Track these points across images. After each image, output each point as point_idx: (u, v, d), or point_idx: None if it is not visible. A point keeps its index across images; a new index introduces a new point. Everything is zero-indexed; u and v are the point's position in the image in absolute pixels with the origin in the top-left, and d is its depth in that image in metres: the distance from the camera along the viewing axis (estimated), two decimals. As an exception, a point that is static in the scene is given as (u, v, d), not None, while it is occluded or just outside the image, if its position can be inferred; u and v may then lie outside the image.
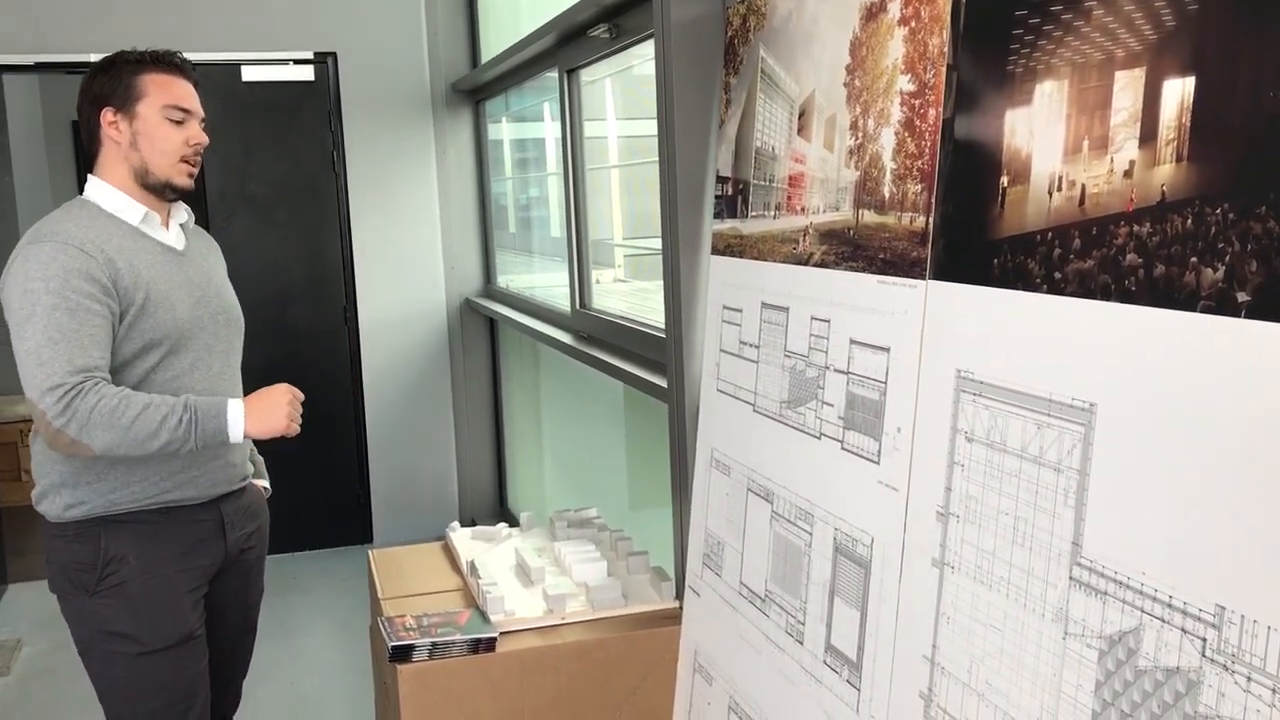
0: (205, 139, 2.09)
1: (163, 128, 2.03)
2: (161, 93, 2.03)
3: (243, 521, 2.16)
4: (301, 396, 2.05)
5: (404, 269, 4.79)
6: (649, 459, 3.15)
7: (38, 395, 1.86)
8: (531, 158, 4.69)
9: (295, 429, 2.02)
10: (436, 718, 2.12)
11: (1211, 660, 1.00)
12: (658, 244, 2.29)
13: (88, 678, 2.07)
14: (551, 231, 4.38)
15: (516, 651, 2.16)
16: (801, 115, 1.83)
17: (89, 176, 2.07)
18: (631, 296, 3.50)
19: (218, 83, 4.37)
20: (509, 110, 4.66)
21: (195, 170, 2.09)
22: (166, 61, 2.08)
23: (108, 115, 2.02)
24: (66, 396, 1.84)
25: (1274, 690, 0.94)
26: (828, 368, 1.71)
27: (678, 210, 2.18)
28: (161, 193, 2.06)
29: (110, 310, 1.91)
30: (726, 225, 2.09)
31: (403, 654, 2.11)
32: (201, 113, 2.11)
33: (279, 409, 1.98)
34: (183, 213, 2.15)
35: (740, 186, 2.04)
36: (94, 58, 2.15)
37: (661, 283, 2.31)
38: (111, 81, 2.03)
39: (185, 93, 2.07)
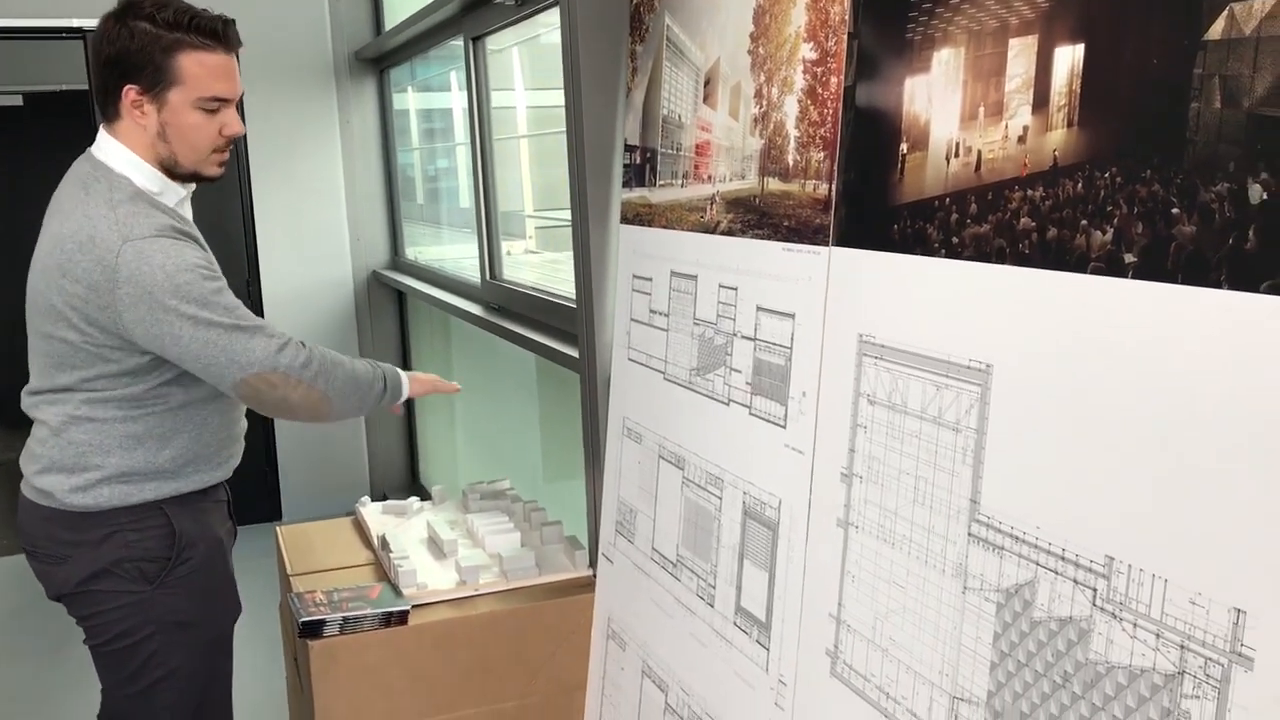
0: (241, 128, 1.89)
1: (195, 118, 1.82)
2: (199, 83, 1.80)
3: None
4: None
5: (308, 241, 4.70)
6: (562, 430, 3.15)
7: (268, 356, 1.79)
8: (439, 128, 4.63)
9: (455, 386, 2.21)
10: (349, 692, 2.11)
11: (1101, 609, 1.04)
12: (569, 215, 2.28)
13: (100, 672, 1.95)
14: (461, 203, 4.34)
15: (429, 624, 2.15)
16: (707, 83, 1.84)
17: (108, 139, 1.85)
18: (543, 268, 3.49)
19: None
20: (415, 79, 4.59)
21: (227, 158, 1.92)
22: (209, 31, 1.80)
23: (131, 94, 1.80)
24: (303, 347, 1.85)
25: (1158, 635, 0.98)
26: (735, 335, 1.72)
27: (586, 179, 2.17)
28: (186, 181, 1.90)
29: None
30: (635, 194, 2.09)
31: (313, 629, 2.08)
32: (240, 92, 1.89)
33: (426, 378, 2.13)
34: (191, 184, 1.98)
35: (648, 155, 2.04)
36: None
37: (570, 253, 2.31)
38: (140, 55, 1.77)
39: (226, 76, 1.84)
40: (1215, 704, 0.92)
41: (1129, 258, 1.02)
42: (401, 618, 2.14)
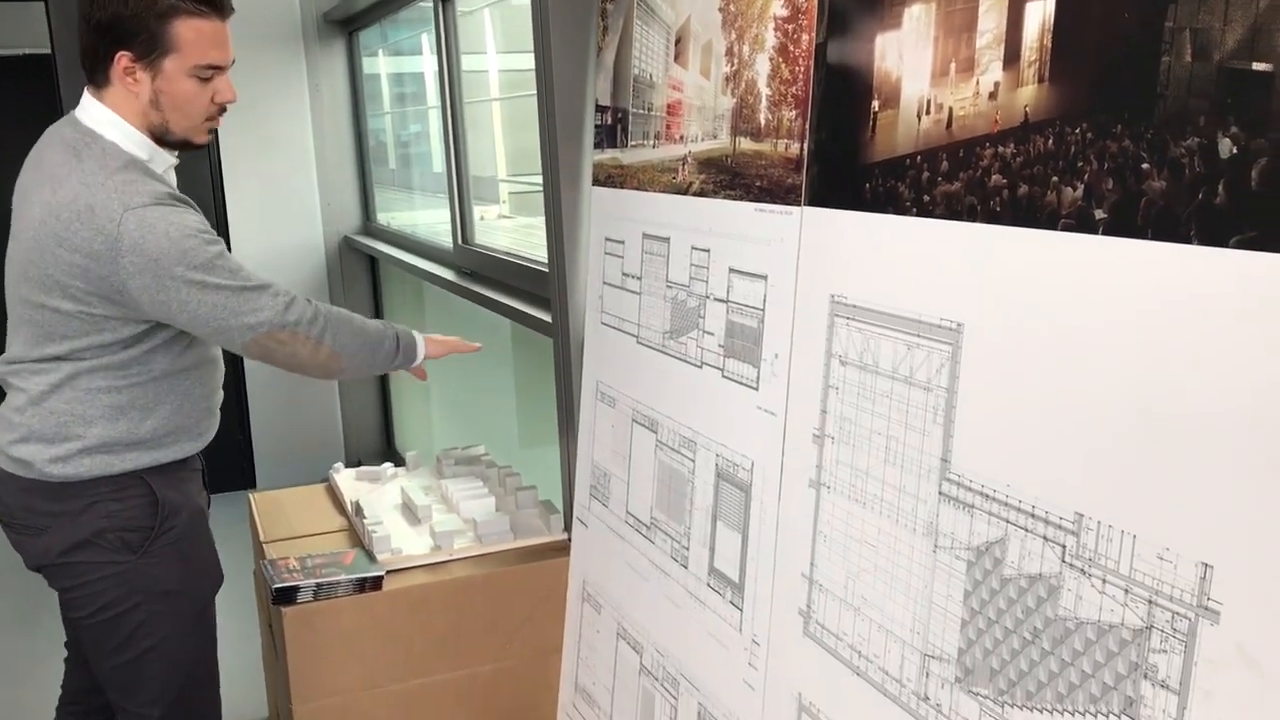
0: (234, 95, 1.89)
1: (189, 86, 1.81)
2: (195, 50, 1.79)
3: None
4: None
5: (278, 207, 4.65)
6: (537, 395, 3.14)
7: (276, 314, 1.81)
8: (411, 92, 4.57)
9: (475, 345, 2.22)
10: (323, 658, 2.10)
11: (1070, 565, 1.04)
12: (540, 181, 2.26)
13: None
14: (434, 167, 4.30)
15: (404, 589, 2.15)
16: (678, 42, 1.81)
17: (96, 104, 1.81)
18: (516, 233, 3.47)
19: (70, 11, 4.14)
20: (386, 42, 4.53)
21: (217, 126, 1.91)
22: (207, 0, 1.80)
23: (123, 60, 1.77)
24: (309, 303, 1.85)
25: (1126, 590, 0.98)
26: (708, 297, 1.72)
27: (557, 141, 2.15)
28: (175, 148, 1.89)
29: None
30: (607, 155, 2.07)
31: (286, 596, 2.08)
32: (233, 59, 1.88)
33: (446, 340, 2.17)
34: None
35: (619, 115, 2.02)
36: None
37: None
38: (133, 22, 1.75)
39: (221, 43, 1.83)
40: (1182, 657, 0.93)
41: (1099, 214, 1.01)
42: (376, 583, 2.13)
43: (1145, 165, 0.96)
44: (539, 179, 2.27)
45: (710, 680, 1.73)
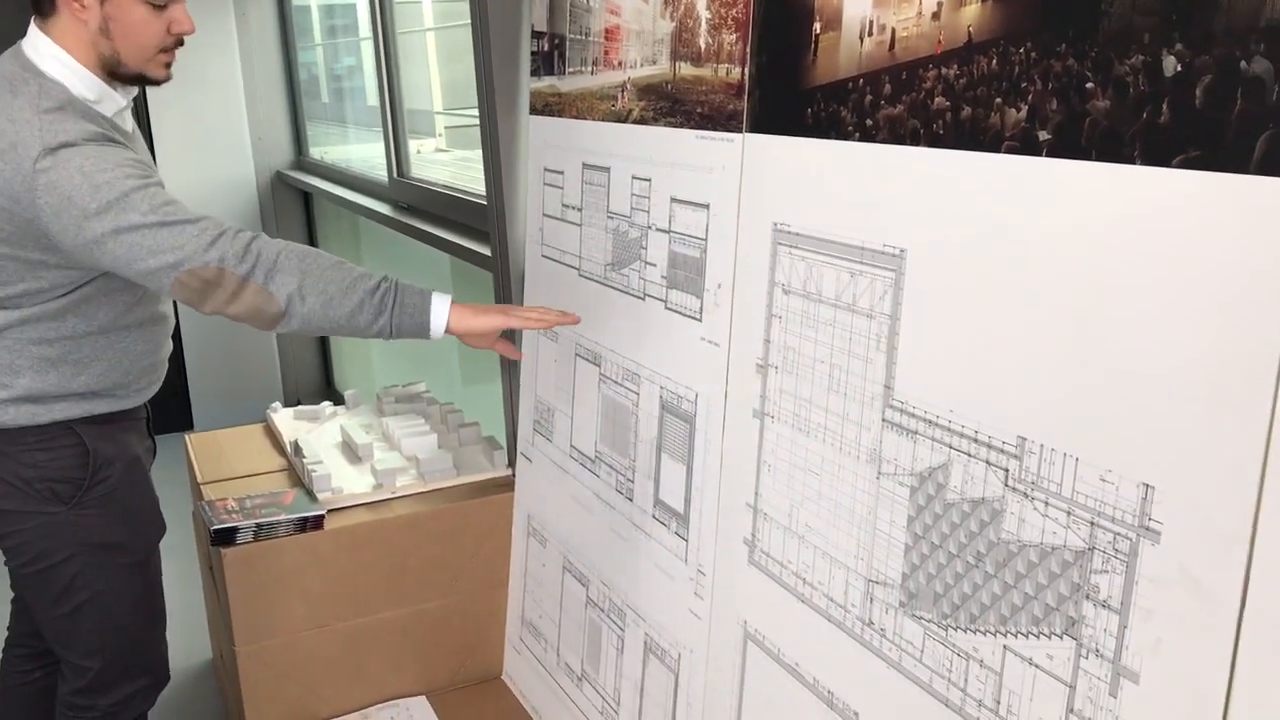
0: (192, 25, 1.74)
1: (140, 14, 1.68)
2: None
3: None
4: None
5: (207, 142, 4.50)
6: (476, 330, 3.10)
7: (197, 251, 1.59)
8: (342, 24, 4.44)
9: (528, 320, 1.71)
10: (264, 598, 2.08)
11: (1013, 489, 1.05)
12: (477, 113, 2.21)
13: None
14: (368, 101, 4.19)
15: (346, 528, 2.12)
16: (615, -35, 1.77)
17: (41, 38, 1.69)
18: (454, 165, 3.40)
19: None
20: (314, -30, 4.38)
21: (174, 59, 1.77)
22: None
23: None
24: (239, 235, 1.61)
25: (1068, 513, 0.99)
26: (650, 227, 1.69)
27: (493, 69, 2.10)
28: (130, 83, 1.75)
29: None
30: (544, 83, 2.02)
31: (225, 537, 2.04)
32: None
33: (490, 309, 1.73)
34: (133, 89, 1.80)
35: (556, 42, 1.97)
36: None
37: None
38: None
39: None
40: (1123, 577, 0.94)
41: (1043, 135, 1.00)
42: (317, 523, 2.10)
43: (1090, 85, 0.95)
44: (475, 112, 2.21)
45: (656, 611, 1.73)
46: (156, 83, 1.78)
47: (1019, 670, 1.05)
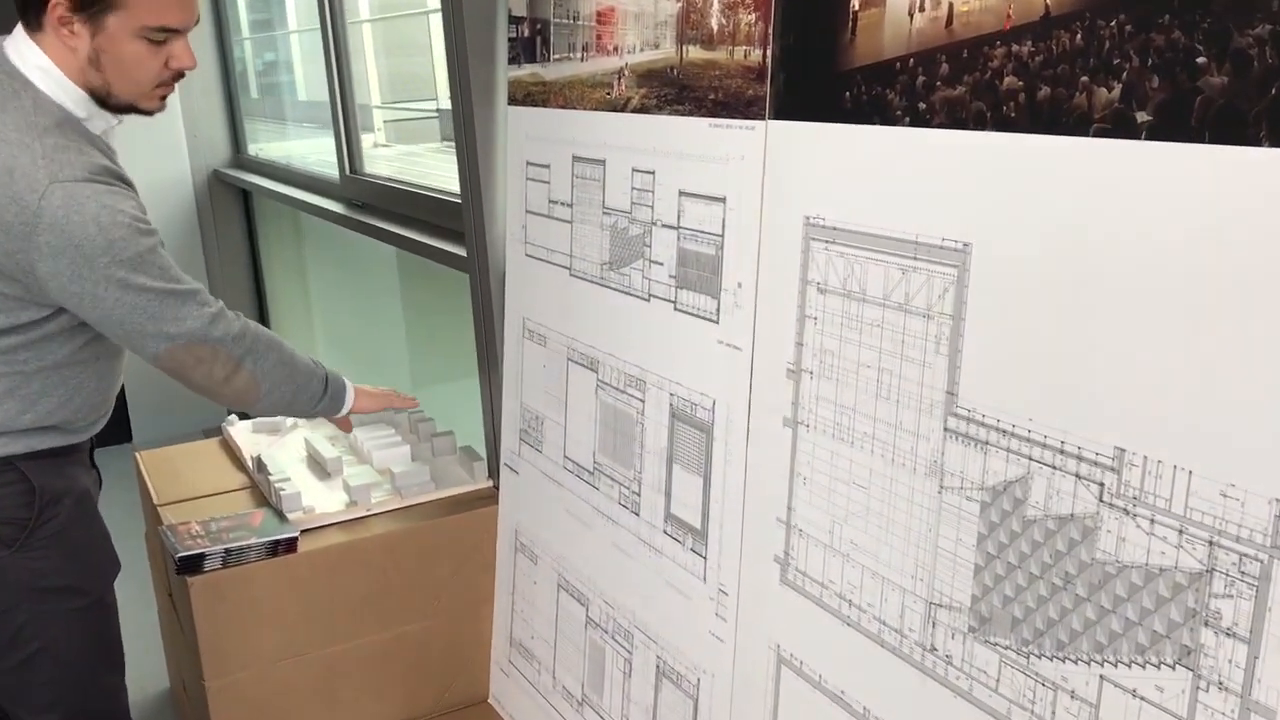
0: (193, 61, 1.60)
1: (136, 49, 1.52)
2: (147, 7, 1.50)
3: None
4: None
5: (139, 139, 4.24)
6: (439, 334, 2.96)
7: (200, 326, 1.59)
8: (266, 18, 4.25)
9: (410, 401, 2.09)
10: (235, 628, 1.93)
11: (1110, 505, 0.96)
12: (421, 108, 2.06)
13: None
14: (299, 95, 4.02)
15: (321, 549, 1.98)
16: (608, -57, 1.65)
17: (29, 45, 1.52)
18: (399, 161, 3.27)
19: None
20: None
21: (171, 92, 1.62)
22: None
23: (59, 10, 1.48)
24: (237, 318, 1.65)
25: (1180, 531, 0.90)
26: (654, 223, 1.58)
27: (467, 57, 1.96)
28: (120, 113, 1.60)
29: None
30: (525, 71, 1.90)
31: (192, 565, 1.89)
32: (196, 19, 1.58)
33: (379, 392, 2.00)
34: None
35: (538, 27, 1.84)
36: None
37: (429, 146, 2.09)
38: None
39: (179, 2, 1.53)
40: (1252, 602, 0.85)
41: (1142, 116, 0.91)
42: (290, 545, 1.96)
43: (1201, 59, 0.86)
44: (419, 106, 2.07)
45: (670, 632, 1.62)
46: (148, 114, 1.64)
47: (1120, 702, 0.96)
